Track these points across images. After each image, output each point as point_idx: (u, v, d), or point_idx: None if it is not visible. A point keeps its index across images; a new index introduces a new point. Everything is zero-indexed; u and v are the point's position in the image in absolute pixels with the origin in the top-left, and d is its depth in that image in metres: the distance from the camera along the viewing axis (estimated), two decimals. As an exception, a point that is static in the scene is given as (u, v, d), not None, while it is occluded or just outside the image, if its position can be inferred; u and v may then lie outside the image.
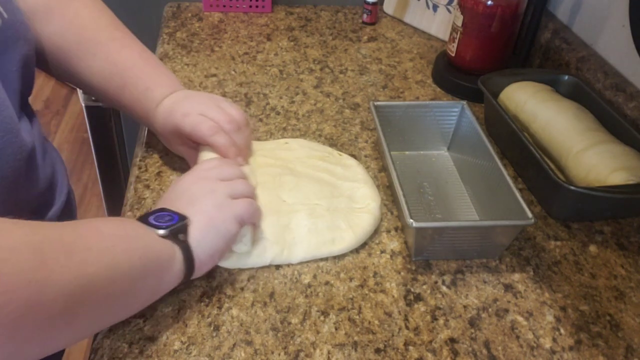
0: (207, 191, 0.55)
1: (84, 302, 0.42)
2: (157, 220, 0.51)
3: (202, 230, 0.53)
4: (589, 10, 0.91)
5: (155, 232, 0.50)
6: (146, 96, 0.68)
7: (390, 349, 0.53)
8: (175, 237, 0.51)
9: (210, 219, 0.53)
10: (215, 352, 0.52)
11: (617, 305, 0.59)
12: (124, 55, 0.69)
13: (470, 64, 0.92)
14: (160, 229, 0.50)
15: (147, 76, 0.69)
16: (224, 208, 0.54)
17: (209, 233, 0.53)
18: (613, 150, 0.68)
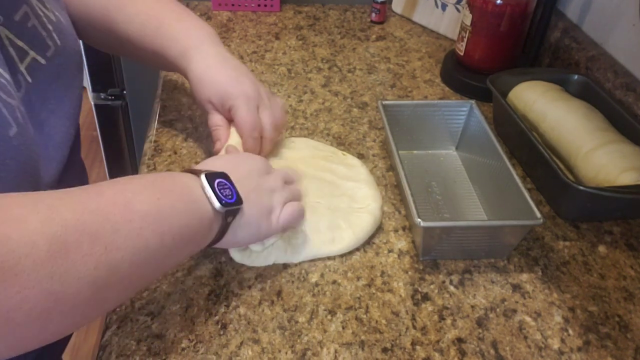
0: (270, 188, 0.56)
1: (110, 286, 0.41)
2: (219, 188, 0.50)
3: (247, 223, 0.53)
4: (599, 9, 0.91)
5: (214, 204, 0.48)
6: (184, 36, 0.68)
7: (398, 348, 0.53)
8: (225, 217, 0.50)
9: (257, 217, 0.54)
10: (222, 350, 0.52)
11: (626, 306, 0.59)
12: (160, 2, 0.71)
13: (479, 63, 0.92)
14: (220, 201, 0.49)
15: (184, 18, 0.70)
16: (273, 214, 0.55)
17: (249, 227, 0.54)
18: (623, 150, 0.67)
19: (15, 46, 0.52)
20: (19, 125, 0.47)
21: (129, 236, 0.42)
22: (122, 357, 0.51)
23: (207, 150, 0.76)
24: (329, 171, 0.69)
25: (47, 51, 0.56)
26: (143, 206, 0.44)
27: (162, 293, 0.57)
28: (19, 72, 0.52)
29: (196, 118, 0.82)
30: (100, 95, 1.43)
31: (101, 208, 0.41)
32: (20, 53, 0.52)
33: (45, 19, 0.57)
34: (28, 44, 0.53)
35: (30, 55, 0.54)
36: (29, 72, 0.53)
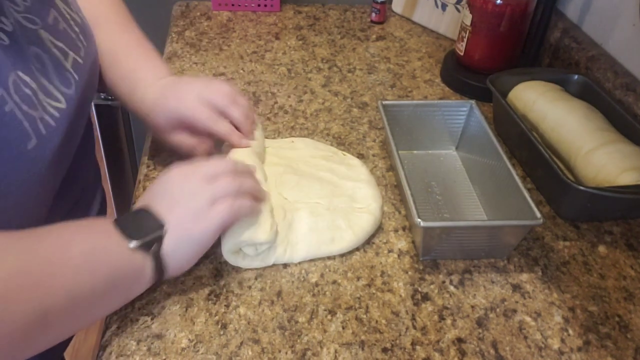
0: (188, 194, 0.53)
1: (43, 327, 0.42)
2: (134, 225, 0.50)
3: (177, 241, 0.51)
4: (599, 9, 0.91)
5: (128, 243, 0.48)
6: (132, 77, 0.68)
7: (398, 348, 0.53)
8: (148, 249, 0.49)
9: (186, 229, 0.52)
10: (222, 350, 0.52)
11: (627, 306, 0.59)
12: (120, 37, 0.70)
13: (479, 63, 0.92)
14: (134, 239, 0.49)
15: (137, 58, 0.69)
16: (201, 217, 0.52)
17: (183, 244, 0.52)
18: (623, 150, 0.67)
19: (57, 47, 0.53)
20: (40, 136, 0.47)
21: (65, 278, 0.44)
22: (122, 357, 0.51)
23: (207, 150, 0.76)
24: (329, 171, 0.69)
25: (80, 51, 0.57)
26: (80, 247, 0.46)
27: (162, 293, 0.57)
28: (67, 70, 0.53)
29: (196, 118, 0.82)
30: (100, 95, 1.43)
31: (44, 252, 0.44)
32: (63, 53, 0.53)
33: (72, 22, 0.58)
34: (66, 45, 0.54)
35: (71, 55, 0.55)
36: (75, 70, 0.54)
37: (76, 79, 0.54)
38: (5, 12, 0.47)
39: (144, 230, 0.50)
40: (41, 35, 0.51)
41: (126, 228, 0.49)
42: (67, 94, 0.52)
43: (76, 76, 0.54)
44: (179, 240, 0.51)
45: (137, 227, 0.50)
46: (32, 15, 0.51)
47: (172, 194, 0.54)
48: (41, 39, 0.51)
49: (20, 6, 0.50)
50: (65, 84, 0.52)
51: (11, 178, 0.46)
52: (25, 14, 0.50)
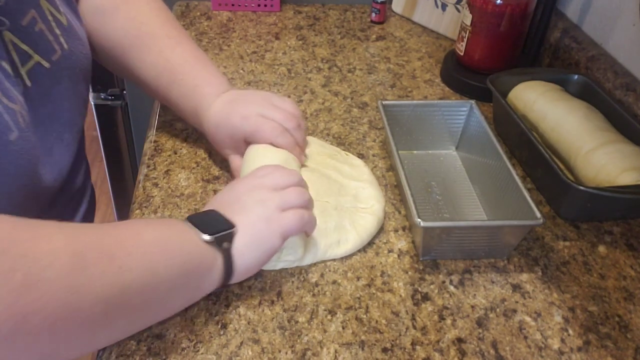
0: (257, 201, 0.54)
1: (121, 307, 0.43)
2: (205, 223, 0.51)
3: (247, 242, 0.52)
4: (599, 9, 0.91)
5: (201, 236, 0.50)
6: (195, 93, 0.68)
7: (398, 348, 0.53)
8: (220, 245, 0.50)
9: (256, 231, 0.53)
10: (222, 350, 0.52)
11: (627, 306, 0.59)
12: (177, 52, 0.70)
13: (479, 63, 0.92)
14: (207, 233, 0.50)
15: (196, 74, 0.69)
16: (271, 222, 0.53)
17: (252, 245, 0.53)
18: (623, 150, 0.67)
19: (19, 50, 0.52)
20: (21, 129, 0.48)
21: (140, 258, 0.45)
22: (123, 357, 0.51)
23: (207, 150, 0.76)
24: (334, 169, 0.69)
25: (53, 55, 0.56)
26: (152, 235, 0.48)
27: (162, 293, 0.57)
28: (19, 76, 0.52)
29: (196, 118, 0.82)
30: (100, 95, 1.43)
31: (117, 234, 0.45)
32: (23, 57, 0.53)
33: (55, 23, 0.57)
34: (33, 47, 0.54)
35: (34, 59, 0.54)
36: (30, 76, 0.53)
37: (27, 85, 0.53)
38: None
39: (216, 227, 0.51)
40: (4, 37, 0.51)
41: (199, 223, 0.51)
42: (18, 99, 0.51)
43: (28, 82, 0.53)
44: (249, 241, 0.52)
45: (209, 224, 0.51)
46: (2, 16, 0.51)
47: (240, 201, 0.55)
48: (4, 41, 0.51)
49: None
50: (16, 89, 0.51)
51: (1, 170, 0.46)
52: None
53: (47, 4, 0.57)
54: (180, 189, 0.69)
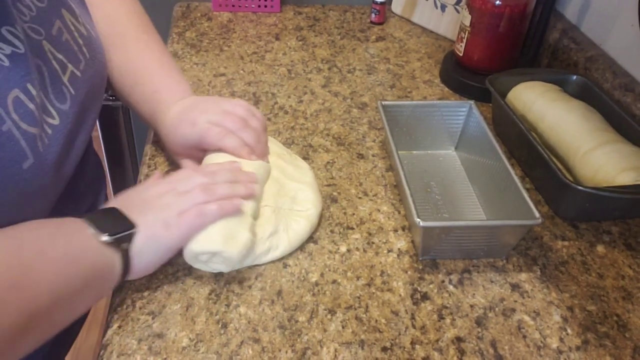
0: (161, 205, 0.55)
1: (30, 329, 0.43)
2: (106, 221, 0.51)
3: (146, 242, 0.52)
4: (598, 10, 0.91)
5: (100, 237, 0.49)
6: (153, 98, 0.68)
7: (397, 347, 0.53)
8: (119, 246, 0.50)
9: (154, 234, 0.53)
10: (223, 349, 0.52)
11: (625, 305, 0.59)
12: (143, 56, 0.70)
13: (478, 63, 0.92)
14: (106, 234, 0.50)
15: (158, 79, 0.70)
16: (170, 226, 0.53)
17: (150, 247, 0.53)
18: (621, 150, 0.68)
19: (57, 59, 0.53)
20: (37, 155, 0.47)
21: (47, 283, 0.44)
22: (123, 356, 0.51)
23: (208, 151, 0.76)
24: (278, 169, 0.67)
25: (80, 64, 0.57)
26: (56, 251, 0.47)
27: (163, 292, 0.57)
28: (63, 85, 0.53)
29: (196, 118, 0.82)
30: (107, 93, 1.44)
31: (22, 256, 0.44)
32: (61, 66, 0.53)
33: (77, 33, 0.58)
34: (65, 57, 0.54)
35: (70, 68, 0.55)
36: (71, 84, 0.54)
37: (72, 94, 0.54)
38: (16, 21, 0.47)
39: (116, 227, 0.51)
40: (44, 46, 0.51)
41: (98, 223, 0.50)
42: (61, 110, 0.52)
43: (72, 90, 0.54)
44: (147, 242, 0.52)
45: (108, 224, 0.51)
46: (37, 26, 0.51)
47: (145, 202, 0.55)
48: (44, 50, 0.51)
49: (26, 16, 0.50)
50: (60, 99, 0.52)
51: (3, 199, 0.46)
52: (30, 23, 0.50)
53: (68, 14, 0.57)
54: (180, 189, 0.70)
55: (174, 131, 0.66)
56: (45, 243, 0.47)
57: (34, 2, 0.52)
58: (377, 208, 0.69)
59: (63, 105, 0.52)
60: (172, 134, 0.66)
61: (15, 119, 0.45)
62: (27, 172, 0.46)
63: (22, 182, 0.46)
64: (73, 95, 0.54)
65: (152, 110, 0.68)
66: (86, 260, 0.49)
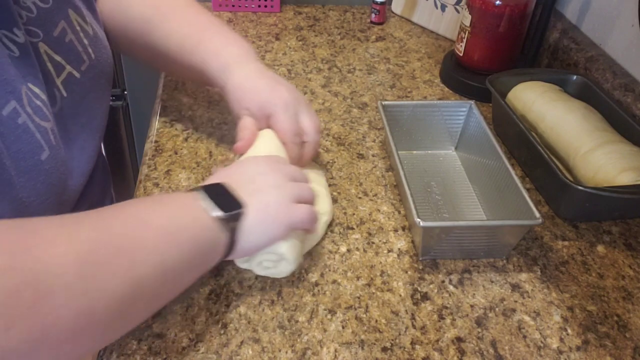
0: (272, 186, 0.54)
1: (136, 300, 0.42)
2: (217, 198, 0.50)
3: (254, 225, 0.51)
4: (598, 10, 0.91)
5: (212, 212, 0.49)
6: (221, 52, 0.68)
7: (397, 347, 0.53)
8: (228, 224, 0.50)
9: (265, 216, 0.52)
10: (223, 350, 0.52)
11: (625, 305, 0.59)
12: (200, 18, 0.71)
13: (478, 63, 0.92)
14: (218, 209, 0.49)
15: (223, 34, 0.70)
16: (282, 210, 0.53)
17: (258, 228, 0.52)
18: (621, 151, 0.68)
19: (53, 61, 0.53)
20: (51, 147, 0.48)
21: (150, 251, 0.44)
22: (123, 357, 0.51)
23: (208, 150, 0.76)
24: None
25: (82, 65, 0.57)
26: (159, 221, 0.46)
27: (163, 293, 0.57)
28: (55, 87, 0.53)
29: (196, 118, 0.82)
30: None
31: (124, 225, 0.44)
32: (57, 68, 0.54)
33: (82, 34, 0.58)
34: (65, 58, 0.55)
35: (67, 69, 0.55)
36: (65, 86, 0.54)
37: (64, 96, 0.54)
38: (18, 23, 0.48)
39: (228, 204, 0.50)
40: (39, 48, 0.51)
41: (212, 196, 0.49)
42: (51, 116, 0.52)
43: (64, 92, 0.54)
44: (256, 224, 0.51)
45: (221, 200, 0.50)
46: (35, 28, 0.51)
47: (255, 182, 0.54)
48: (39, 52, 0.51)
49: (23, 18, 0.50)
50: (51, 100, 0.52)
51: (30, 188, 0.46)
52: (27, 26, 0.51)
53: (75, 14, 0.57)
54: (180, 189, 0.70)
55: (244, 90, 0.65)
56: (148, 212, 0.47)
57: (36, 3, 0.52)
58: (377, 208, 0.69)
59: (53, 107, 0.52)
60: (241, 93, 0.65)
61: (29, 112, 0.46)
62: (45, 164, 0.47)
63: (43, 173, 0.47)
64: (64, 98, 0.54)
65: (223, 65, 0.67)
66: (192, 232, 0.48)
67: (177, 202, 0.49)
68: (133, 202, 0.49)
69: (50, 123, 0.48)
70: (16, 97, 0.44)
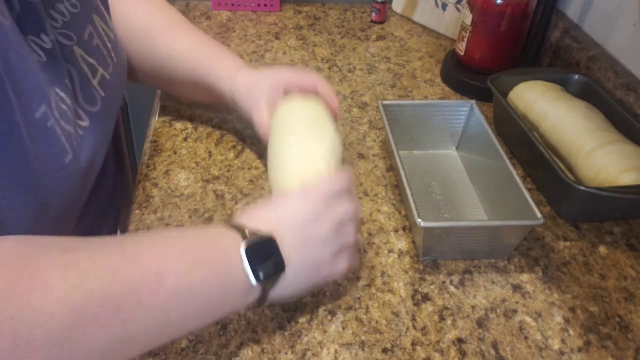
0: (322, 240, 0.50)
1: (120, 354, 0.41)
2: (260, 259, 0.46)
3: (291, 279, 0.48)
4: (600, 9, 0.91)
5: (251, 280, 0.45)
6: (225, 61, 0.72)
7: (398, 348, 0.53)
8: (265, 287, 0.47)
9: (307, 272, 0.50)
10: (222, 351, 0.52)
11: (627, 306, 0.58)
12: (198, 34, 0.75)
13: (479, 62, 0.92)
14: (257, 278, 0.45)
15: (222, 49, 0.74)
16: (326, 267, 0.51)
17: (295, 282, 0.49)
18: (623, 150, 0.67)
19: (87, 63, 0.54)
20: (74, 151, 0.48)
21: (151, 311, 0.41)
22: (122, 358, 0.50)
23: (207, 150, 0.76)
24: None
25: (109, 68, 0.58)
26: (173, 280, 0.42)
27: (162, 293, 0.57)
28: (93, 87, 0.54)
29: (195, 118, 0.82)
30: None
31: (131, 279, 0.40)
32: (92, 70, 0.54)
33: (106, 38, 0.59)
34: (97, 61, 0.55)
35: (100, 71, 0.56)
36: (101, 86, 0.55)
37: (102, 96, 0.55)
38: (47, 30, 0.48)
39: (268, 267, 0.46)
40: (75, 51, 0.52)
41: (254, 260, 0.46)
42: (91, 112, 0.53)
43: (102, 93, 0.55)
44: (294, 278, 0.49)
45: (263, 260, 0.46)
46: (69, 31, 0.52)
47: (304, 234, 0.50)
48: (74, 55, 0.52)
49: (59, 22, 0.51)
50: (91, 101, 0.53)
51: (53, 190, 0.46)
52: (62, 29, 0.51)
53: (99, 19, 0.58)
54: (179, 189, 0.69)
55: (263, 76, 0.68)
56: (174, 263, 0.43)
57: (67, 8, 0.53)
58: (378, 208, 0.69)
59: (93, 107, 0.53)
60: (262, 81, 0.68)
61: (57, 116, 0.46)
62: (68, 167, 0.47)
63: (65, 176, 0.47)
64: (103, 97, 0.55)
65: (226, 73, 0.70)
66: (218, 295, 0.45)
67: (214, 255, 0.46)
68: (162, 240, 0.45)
69: (72, 127, 0.48)
70: (46, 101, 0.45)
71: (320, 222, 0.50)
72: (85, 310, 0.37)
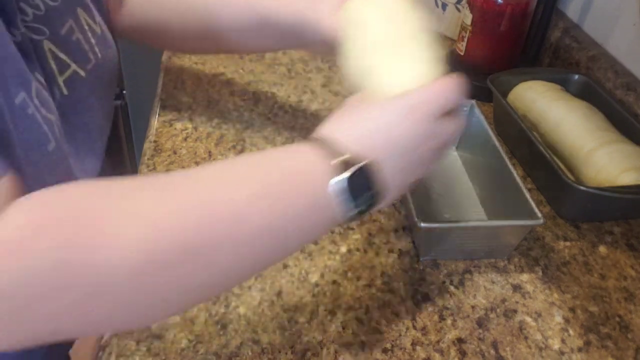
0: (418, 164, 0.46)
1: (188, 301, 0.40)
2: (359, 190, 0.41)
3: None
4: (600, 9, 0.91)
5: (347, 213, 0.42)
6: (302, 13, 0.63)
7: (398, 348, 0.53)
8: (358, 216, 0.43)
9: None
10: (222, 351, 0.52)
11: (627, 306, 0.58)
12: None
13: (479, 62, 0.92)
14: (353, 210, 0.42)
15: None
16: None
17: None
18: (623, 150, 0.67)
19: (57, 59, 0.53)
20: (57, 140, 0.48)
21: (229, 257, 0.39)
22: (122, 358, 0.50)
23: (207, 150, 0.76)
24: None
25: (88, 64, 0.57)
26: (255, 221, 0.39)
27: (162, 293, 0.57)
28: (56, 85, 0.53)
29: (196, 118, 0.82)
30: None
31: (208, 220, 0.37)
32: (61, 66, 0.54)
33: (90, 33, 0.58)
34: (70, 56, 0.55)
35: (72, 67, 0.55)
36: (67, 84, 0.54)
37: (64, 94, 0.54)
38: (17, 24, 0.47)
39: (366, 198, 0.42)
40: (43, 46, 0.51)
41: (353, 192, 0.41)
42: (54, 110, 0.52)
43: (65, 91, 0.54)
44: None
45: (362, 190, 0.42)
46: (41, 25, 0.51)
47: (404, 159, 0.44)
48: (43, 50, 0.51)
49: (29, 15, 0.50)
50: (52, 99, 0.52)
51: (37, 179, 0.46)
52: (33, 23, 0.50)
53: (84, 13, 0.58)
54: (180, 189, 0.69)
55: None
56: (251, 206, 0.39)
57: (45, 1, 0.52)
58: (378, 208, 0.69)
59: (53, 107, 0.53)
60: None
61: (37, 104, 0.46)
62: (52, 154, 0.47)
63: (50, 164, 0.47)
64: (64, 96, 0.54)
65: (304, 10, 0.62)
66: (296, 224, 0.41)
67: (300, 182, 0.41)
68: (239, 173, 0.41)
69: (54, 116, 0.49)
70: (26, 88, 0.45)
71: (425, 146, 0.45)
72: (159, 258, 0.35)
